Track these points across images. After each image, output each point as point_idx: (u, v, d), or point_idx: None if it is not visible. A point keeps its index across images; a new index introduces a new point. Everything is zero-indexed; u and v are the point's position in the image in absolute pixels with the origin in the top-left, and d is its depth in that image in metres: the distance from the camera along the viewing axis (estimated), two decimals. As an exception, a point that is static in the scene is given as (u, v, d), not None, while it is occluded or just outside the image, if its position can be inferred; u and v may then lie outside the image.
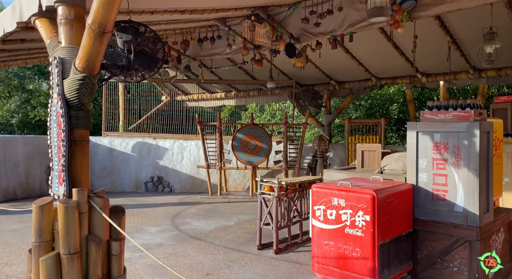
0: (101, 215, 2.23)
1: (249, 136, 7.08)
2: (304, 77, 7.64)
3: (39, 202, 2.17)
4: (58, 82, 2.20)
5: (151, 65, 2.56)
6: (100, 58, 2.15)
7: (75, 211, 2.10)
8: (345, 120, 6.70)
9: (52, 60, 2.24)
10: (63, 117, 2.17)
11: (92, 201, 2.21)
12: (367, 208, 2.51)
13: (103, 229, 2.25)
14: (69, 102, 2.20)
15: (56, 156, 2.26)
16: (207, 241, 4.44)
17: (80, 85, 2.14)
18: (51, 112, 2.30)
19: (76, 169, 2.23)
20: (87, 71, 2.12)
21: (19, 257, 3.89)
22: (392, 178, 3.04)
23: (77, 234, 2.12)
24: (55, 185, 2.27)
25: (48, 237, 2.15)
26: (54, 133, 2.28)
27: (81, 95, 2.18)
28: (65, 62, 2.21)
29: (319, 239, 2.80)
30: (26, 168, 7.21)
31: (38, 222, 2.12)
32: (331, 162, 7.28)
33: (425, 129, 2.80)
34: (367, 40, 5.66)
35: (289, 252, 3.95)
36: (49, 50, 2.38)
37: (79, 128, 2.23)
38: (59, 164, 2.23)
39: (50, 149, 2.34)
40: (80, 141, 2.24)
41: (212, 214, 5.88)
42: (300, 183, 4.17)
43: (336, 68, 7.06)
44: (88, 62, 2.09)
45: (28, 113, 14.15)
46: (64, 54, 2.21)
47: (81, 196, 2.16)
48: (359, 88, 7.25)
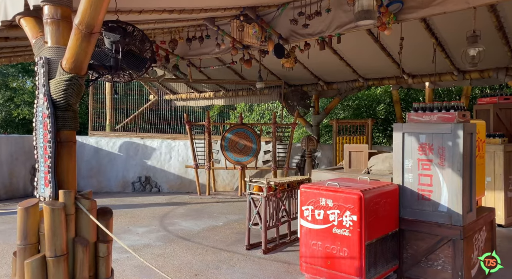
0: (88, 217, 2.21)
1: (238, 136, 7.08)
2: (292, 77, 7.68)
3: (25, 204, 2.14)
4: (44, 83, 2.17)
5: (139, 65, 2.55)
6: (87, 59, 2.13)
7: (61, 213, 2.08)
8: (333, 120, 6.77)
9: (38, 60, 2.20)
10: (49, 118, 2.14)
11: (79, 203, 2.19)
12: (354, 208, 2.55)
13: (90, 231, 2.23)
14: (56, 103, 2.17)
15: (42, 157, 2.23)
16: (195, 241, 4.43)
17: (67, 86, 2.11)
18: (37, 113, 2.26)
19: (63, 170, 2.20)
20: (74, 71, 2.09)
21: (2, 259, 3.81)
22: (378, 178, 3.09)
23: (64, 236, 2.10)
24: (41, 187, 2.23)
25: (34, 240, 2.12)
26: (40, 134, 2.25)
27: (68, 96, 2.15)
28: (52, 63, 2.18)
29: (307, 239, 2.83)
30: (10, 168, 7.05)
31: (23, 224, 2.09)
32: (319, 162, 7.35)
33: (411, 131, 2.86)
34: (355, 41, 5.73)
35: (277, 252, 3.98)
36: (34, 49, 2.34)
37: (65, 129, 2.21)
38: (45, 165, 2.20)
39: (36, 150, 2.30)
40: (66, 142, 2.22)
41: (201, 214, 5.87)
42: (288, 183, 4.20)
43: (325, 69, 7.12)
44: (75, 63, 2.07)
45: (11, 112, 13.82)
46: (51, 54, 2.18)
47: (68, 198, 2.14)
48: (347, 89, 7.33)
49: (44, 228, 2.07)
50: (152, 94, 9.75)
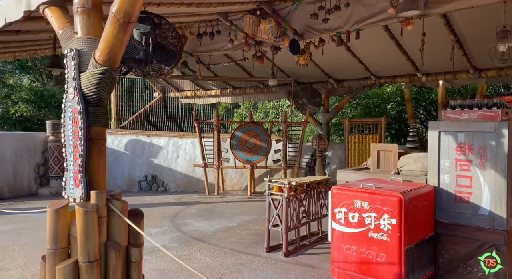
0: (121, 219, 2.08)
1: (248, 134, 6.95)
2: (302, 75, 7.55)
3: (54, 205, 2.00)
4: (75, 76, 2.02)
5: (169, 58, 2.42)
6: (122, 51, 1.99)
7: (94, 215, 1.95)
8: (345, 119, 6.66)
9: (67, 52, 2.06)
10: (80, 114, 2.00)
11: (111, 204, 2.06)
12: (393, 211, 2.44)
13: (123, 234, 2.10)
14: (87, 97, 2.03)
15: (71, 156, 2.09)
16: (211, 243, 4.31)
17: (100, 79, 1.97)
18: (66, 109, 2.12)
19: (93, 170, 2.07)
20: (108, 64, 1.95)
21: (14, 261, 3.66)
22: (411, 180, 2.98)
23: (96, 240, 1.97)
24: (70, 187, 2.10)
25: (64, 243, 1.99)
26: (68, 131, 2.11)
27: (100, 90, 2.02)
28: (82, 54, 2.04)
29: (339, 243, 2.72)
30: (14, 166, 6.88)
31: (54, 227, 1.96)
32: (330, 161, 7.24)
33: (448, 129, 2.75)
34: (370, 38, 5.61)
35: (298, 255, 3.86)
36: (62, 41, 2.20)
37: (96, 126, 2.07)
38: (75, 164, 2.06)
39: (65, 148, 2.16)
40: (97, 139, 2.08)
41: (212, 214, 5.74)
42: (308, 183, 4.08)
43: (336, 67, 7.01)
44: (109, 55, 1.93)
45: (8, 109, 13.55)
46: (81, 46, 2.04)
47: (100, 199, 2.00)
48: (358, 87, 7.23)
49: (76, 231, 1.94)
50: (157, 91, 9.59)
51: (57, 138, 7.28)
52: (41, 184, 7.32)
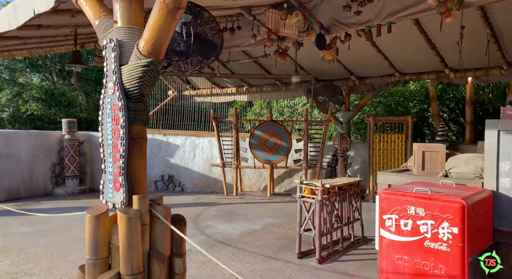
0: (164, 227, 1.90)
1: (268, 133, 6.76)
2: (322, 72, 7.32)
3: (94, 210, 1.82)
4: (115, 69, 1.84)
5: (209, 51, 2.22)
6: (168, 41, 1.81)
7: (138, 222, 1.77)
8: (369, 117, 6.43)
9: (106, 43, 1.88)
10: (122, 111, 1.82)
11: (155, 210, 1.87)
12: (455, 218, 2.22)
13: (166, 243, 1.92)
14: (128, 93, 1.85)
15: (110, 156, 1.92)
16: (238, 247, 4.12)
17: (144, 72, 1.79)
18: (104, 105, 1.95)
19: (134, 172, 1.89)
20: (153, 55, 1.77)
21: (38, 265, 3.51)
22: (464, 183, 2.76)
23: (140, 251, 1.78)
24: (109, 191, 1.92)
25: (105, 253, 1.81)
26: (108, 130, 1.93)
27: (143, 84, 1.84)
28: (123, 45, 1.86)
29: (389, 252, 2.51)
30: (30, 165, 6.77)
31: (94, 235, 1.78)
32: (352, 161, 7.01)
33: (509, 128, 2.53)
34: (398, 32, 5.35)
35: (333, 262, 3.65)
36: (98, 32, 2.02)
37: (137, 124, 1.89)
38: (114, 165, 1.88)
39: (102, 148, 1.98)
40: (138, 139, 1.90)
41: (234, 216, 5.56)
42: (340, 186, 3.87)
43: (358, 63, 6.76)
44: (155, 45, 1.75)
45: (19, 108, 13.51)
46: (121, 36, 1.86)
47: (143, 204, 1.82)
48: (381, 84, 6.98)
49: (118, 240, 1.76)
50: (172, 89, 9.42)
51: (72, 137, 7.15)
52: (56, 184, 7.21)
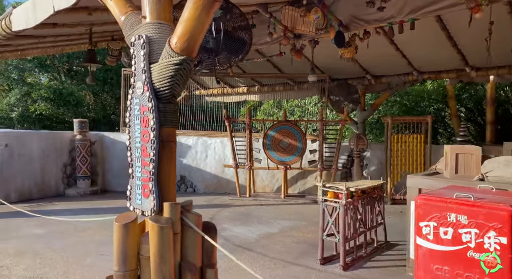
0: (195, 236, 1.78)
1: (282, 134, 6.63)
2: (337, 70, 7.18)
3: (122, 218, 1.71)
4: (145, 68, 1.73)
5: (238, 48, 2.10)
6: (202, 37, 1.69)
7: (170, 232, 1.65)
8: (387, 117, 6.27)
9: (135, 40, 1.77)
10: (152, 113, 1.71)
11: (186, 218, 1.76)
12: (503, 227, 2.07)
13: (197, 253, 1.80)
14: (158, 93, 1.74)
15: (138, 161, 1.80)
16: (257, 251, 4.00)
17: (176, 71, 1.67)
18: (132, 106, 1.83)
19: (164, 177, 1.78)
20: (186, 53, 1.65)
21: (53, 269, 3.43)
22: (505, 188, 2.61)
23: (172, 262, 1.67)
24: (137, 197, 1.81)
25: (134, 265, 1.70)
26: (136, 133, 1.82)
27: (175, 84, 1.72)
28: (152, 42, 1.75)
29: (427, 262, 2.37)
30: (42, 165, 6.71)
31: (122, 245, 1.67)
32: (368, 162, 6.85)
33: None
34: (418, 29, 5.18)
35: (358, 269, 3.51)
36: (124, 28, 1.90)
37: (167, 126, 1.78)
38: (143, 170, 1.77)
39: (130, 152, 1.87)
40: (168, 142, 1.79)
41: (249, 218, 5.44)
42: (364, 189, 3.73)
43: (375, 61, 6.60)
44: (188, 42, 1.63)
45: (28, 107, 13.53)
46: (151, 32, 1.75)
47: (174, 212, 1.71)
48: (398, 83, 6.81)
49: (149, 251, 1.65)
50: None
51: (84, 137, 7.09)
52: (68, 184, 7.15)
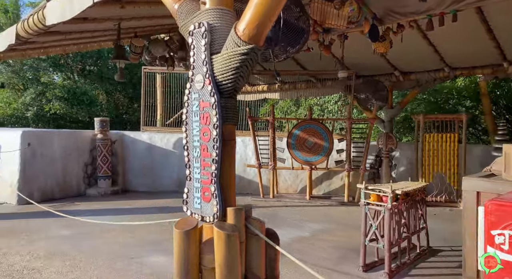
0: (259, 245, 1.62)
1: (307, 133, 6.43)
2: (363, 66, 6.94)
3: (182, 225, 1.56)
4: (206, 59, 1.56)
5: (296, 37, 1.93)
6: (272, 23, 1.51)
7: (237, 240, 1.48)
8: (418, 115, 6.02)
9: (194, 28, 1.60)
10: (215, 109, 1.54)
11: (251, 225, 1.59)
12: None
13: (261, 264, 1.65)
14: (220, 87, 1.57)
15: (197, 161, 1.64)
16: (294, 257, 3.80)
17: (242, 62, 1.50)
18: (190, 102, 1.67)
19: (225, 179, 1.61)
20: (254, 41, 1.48)
21: (85, 274, 3.31)
22: None
23: (239, 274, 1.50)
24: (195, 201, 1.65)
25: (196, 276, 1.54)
26: (194, 130, 1.66)
27: (239, 77, 1.55)
28: (214, 31, 1.58)
29: (502, 275, 2.15)
30: (63, 165, 6.65)
31: (184, 254, 1.51)
32: (397, 163, 6.61)
33: None
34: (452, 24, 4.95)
35: (403, 276, 3.29)
36: (179, 17, 1.74)
37: (228, 123, 1.62)
38: (203, 172, 1.61)
39: (187, 151, 1.71)
40: (229, 141, 1.63)
41: (275, 220, 5.27)
42: (409, 192, 3.52)
43: (404, 57, 6.34)
44: (258, 28, 1.46)
45: (42, 107, 13.60)
46: (213, 20, 1.58)
47: (239, 219, 1.55)
48: (428, 80, 6.55)
49: (214, 261, 1.48)
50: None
51: (105, 136, 7.01)
52: (89, 184, 7.08)
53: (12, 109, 14.10)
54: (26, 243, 4.07)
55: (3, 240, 4.14)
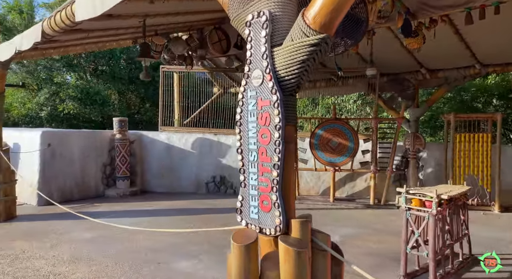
0: (325, 261, 1.44)
1: (331, 133, 6.23)
2: (386, 64, 6.67)
3: (241, 237, 1.39)
4: (267, 53, 1.39)
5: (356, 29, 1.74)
6: (348, 8, 1.34)
7: (307, 258, 1.31)
8: (449, 114, 5.77)
9: (253, 18, 1.44)
10: (277, 108, 1.37)
11: (317, 239, 1.42)
12: None
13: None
14: (282, 83, 1.40)
15: (254, 166, 1.47)
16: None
17: (310, 54, 1.33)
18: (245, 100, 1.50)
19: (286, 187, 1.44)
20: (325, 30, 1.30)
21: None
22: None
23: (307, 295, 1.33)
24: (251, 209, 1.48)
25: (256, 295, 1.37)
26: (250, 132, 1.49)
27: (304, 71, 1.38)
28: (275, 21, 1.41)
29: None
30: (82, 166, 6.58)
31: (243, 269, 1.35)
32: (424, 164, 6.36)
33: None
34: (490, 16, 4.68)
35: (449, 286, 3.09)
36: (231, 7, 1.58)
37: (289, 124, 1.44)
38: (262, 178, 1.44)
39: (241, 155, 1.55)
40: (289, 143, 1.45)
41: (302, 222, 5.07)
42: (454, 196, 3.30)
43: (432, 53, 6.05)
44: (331, 15, 1.29)
45: (56, 106, 13.64)
46: (274, 8, 1.41)
47: (306, 232, 1.38)
48: (457, 78, 6.28)
49: None
50: (217, 86, 9.04)
51: (124, 136, 6.91)
52: (107, 185, 7.00)
53: (27, 109, 14.20)
54: (50, 247, 3.97)
55: (27, 243, 4.05)
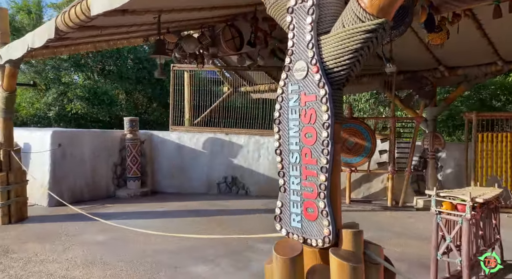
0: (378, 275, 1.28)
1: (347, 132, 6.05)
2: (404, 61, 6.47)
3: (284, 248, 1.25)
4: (313, 41, 1.24)
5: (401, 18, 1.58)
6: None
7: (362, 274, 1.15)
8: (471, 113, 5.56)
9: (296, 3, 1.28)
10: (325, 103, 1.22)
11: (369, 252, 1.26)
12: None
13: (379, 297, 1.29)
14: (330, 75, 1.24)
15: (295, 169, 1.32)
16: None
17: (365, 42, 1.18)
18: (285, 96, 1.36)
19: (333, 193, 1.29)
20: (383, 14, 1.15)
21: (128, 286, 3.05)
22: None
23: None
24: (292, 217, 1.33)
25: (303, 315, 1.21)
26: (291, 131, 1.34)
27: (356, 62, 1.23)
28: (321, 6, 1.25)
29: None
30: (92, 166, 6.49)
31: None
32: (443, 164, 6.16)
33: None
34: None
35: (484, 293, 2.91)
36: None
37: (337, 121, 1.28)
38: (304, 182, 1.29)
39: (280, 156, 1.40)
40: (336, 144, 1.29)
41: (319, 225, 4.91)
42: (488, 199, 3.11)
43: (452, 50, 5.81)
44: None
45: (64, 106, 13.63)
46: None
47: (359, 244, 1.22)
48: (478, 75, 6.06)
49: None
50: (227, 85, 8.89)
51: (135, 136, 6.81)
52: (118, 185, 6.90)
53: (35, 109, 14.21)
54: (62, 250, 3.86)
55: (39, 246, 3.95)
